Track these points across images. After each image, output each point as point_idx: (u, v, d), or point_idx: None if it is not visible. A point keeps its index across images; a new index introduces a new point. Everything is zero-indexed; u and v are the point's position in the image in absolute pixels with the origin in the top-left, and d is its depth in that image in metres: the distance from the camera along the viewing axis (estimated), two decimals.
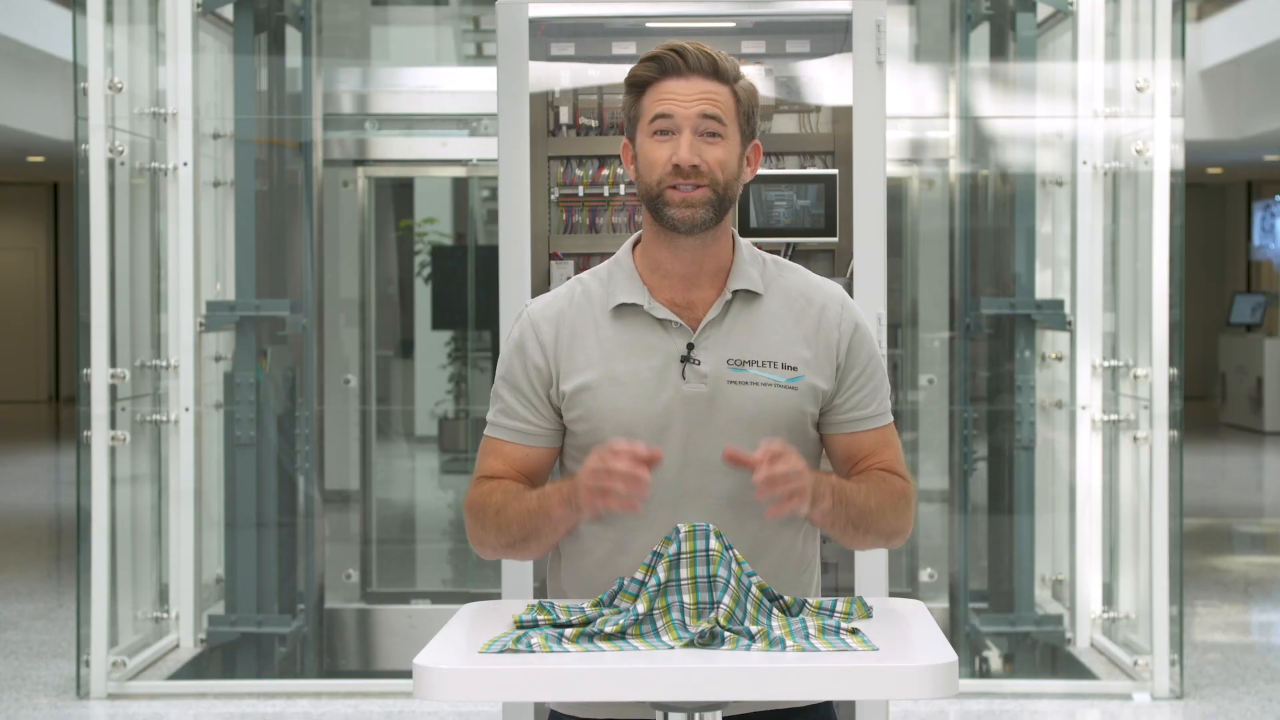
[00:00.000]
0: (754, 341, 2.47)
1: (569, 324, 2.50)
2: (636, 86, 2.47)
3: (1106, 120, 5.89)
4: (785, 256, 3.44)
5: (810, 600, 2.36)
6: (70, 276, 17.97)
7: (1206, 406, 16.94)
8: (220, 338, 6.06)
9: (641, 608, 2.22)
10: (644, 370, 2.46)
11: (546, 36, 3.61)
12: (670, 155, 2.42)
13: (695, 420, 2.45)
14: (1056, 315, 5.94)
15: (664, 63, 2.44)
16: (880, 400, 2.53)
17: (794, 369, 2.47)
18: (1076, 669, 5.81)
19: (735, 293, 2.49)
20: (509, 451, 2.52)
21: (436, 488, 8.15)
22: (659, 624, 2.22)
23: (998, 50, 6.03)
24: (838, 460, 2.55)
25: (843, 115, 3.58)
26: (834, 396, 2.50)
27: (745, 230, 3.48)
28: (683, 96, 2.42)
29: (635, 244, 2.55)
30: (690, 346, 2.46)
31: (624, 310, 2.49)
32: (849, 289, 3.50)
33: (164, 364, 5.84)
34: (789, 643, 2.15)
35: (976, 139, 6.10)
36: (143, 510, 5.92)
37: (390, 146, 7.00)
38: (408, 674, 5.34)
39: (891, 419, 2.55)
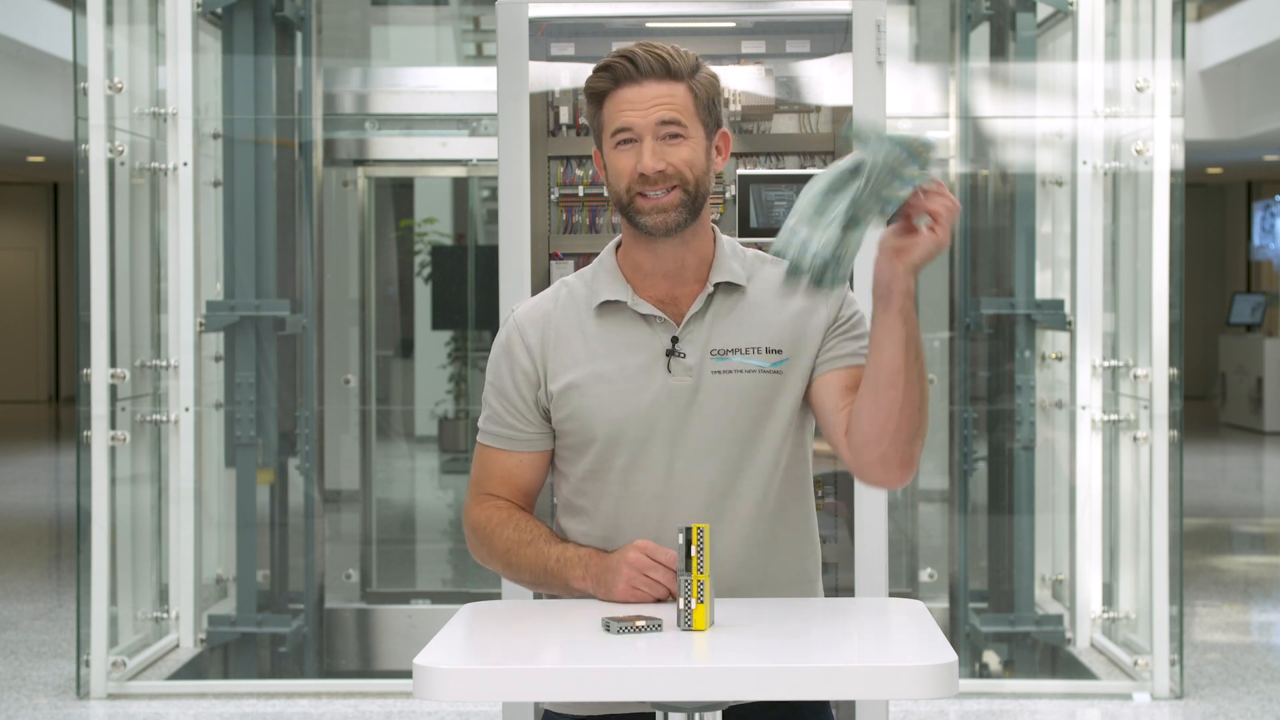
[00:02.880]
0: (737, 330, 2.48)
1: (554, 325, 2.52)
2: (594, 97, 2.48)
3: (1106, 120, 5.89)
4: None
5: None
6: (70, 276, 17.98)
7: (1206, 406, 16.93)
8: (220, 337, 6.06)
9: None
10: (630, 366, 2.47)
11: (546, 36, 3.61)
12: (635, 164, 2.43)
13: (682, 413, 2.46)
14: (1056, 315, 5.93)
15: (616, 71, 2.44)
16: (866, 343, 2.47)
17: (778, 352, 2.47)
18: (1076, 669, 5.81)
19: (717, 286, 2.50)
20: (502, 461, 2.54)
21: (436, 488, 8.15)
22: None
23: (998, 50, 6.03)
24: (831, 399, 2.47)
25: (843, 115, 3.58)
26: (824, 349, 2.48)
27: (745, 230, 3.48)
28: (639, 104, 2.42)
29: (618, 245, 2.56)
30: (675, 340, 2.47)
31: (608, 308, 2.50)
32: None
33: (164, 364, 5.84)
34: None
35: (976, 139, 6.10)
36: (143, 510, 5.92)
37: (390, 146, 7.00)
38: (408, 674, 5.35)
39: None
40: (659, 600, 2.38)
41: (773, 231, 3.52)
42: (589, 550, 2.45)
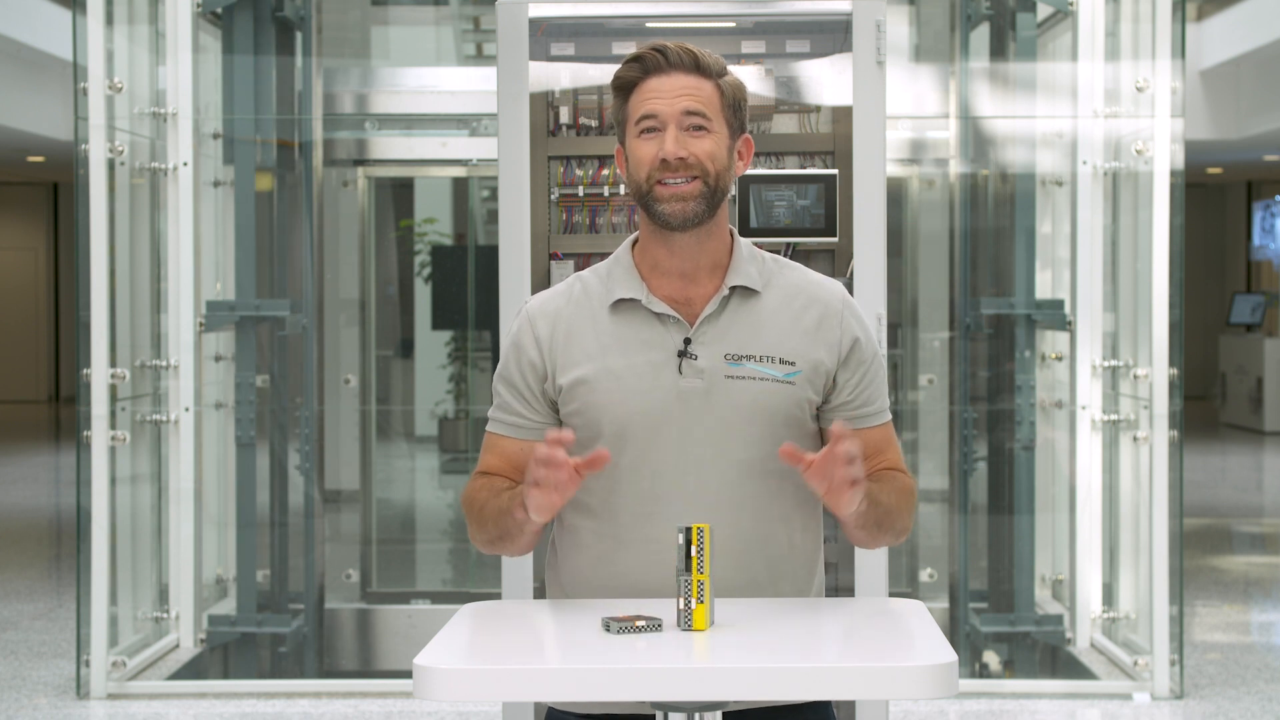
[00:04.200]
0: (752, 336, 2.48)
1: (566, 320, 2.52)
2: (622, 89, 2.49)
3: (1106, 120, 5.89)
4: (785, 256, 3.44)
5: None
6: (70, 276, 17.97)
7: (1206, 406, 16.93)
8: (220, 337, 6.06)
9: None
10: (641, 365, 2.47)
11: (546, 36, 3.61)
12: (657, 151, 2.44)
13: (692, 415, 2.46)
14: (1056, 315, 5.93)
15: (646, 62, 2.46)
16: (882, 397, 2.56)
17: (792, 364, 2.48)
18: (1076, 669, 5.81)
19: (733, 289, 2.50)
20: (506, 446, 2.55)
21: (436, 488, 8.15)
22: None
23: (998, 50, 6.03)
24: None
25: (843, 115, 3.58)
26: (836, 393, 2.51)
27: (745, 230, 3.48)
28: (666, 93, 2.44)
29: (635, 242, 2.56)
30: (687, 341, 2.47)
31: (622, 305, 2.50)
32: (849, 289, 3.50)
33: (164, 364, 5.84)
34: None
35: (976, 139, 6.10)
36: (143, 510, 5.92)
37: (390, 146, 7.00)
38: (408, 674, 5.35)
39: (890, 416, 2.57)
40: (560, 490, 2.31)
41: (773, 231, 3.52)
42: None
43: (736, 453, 2.46)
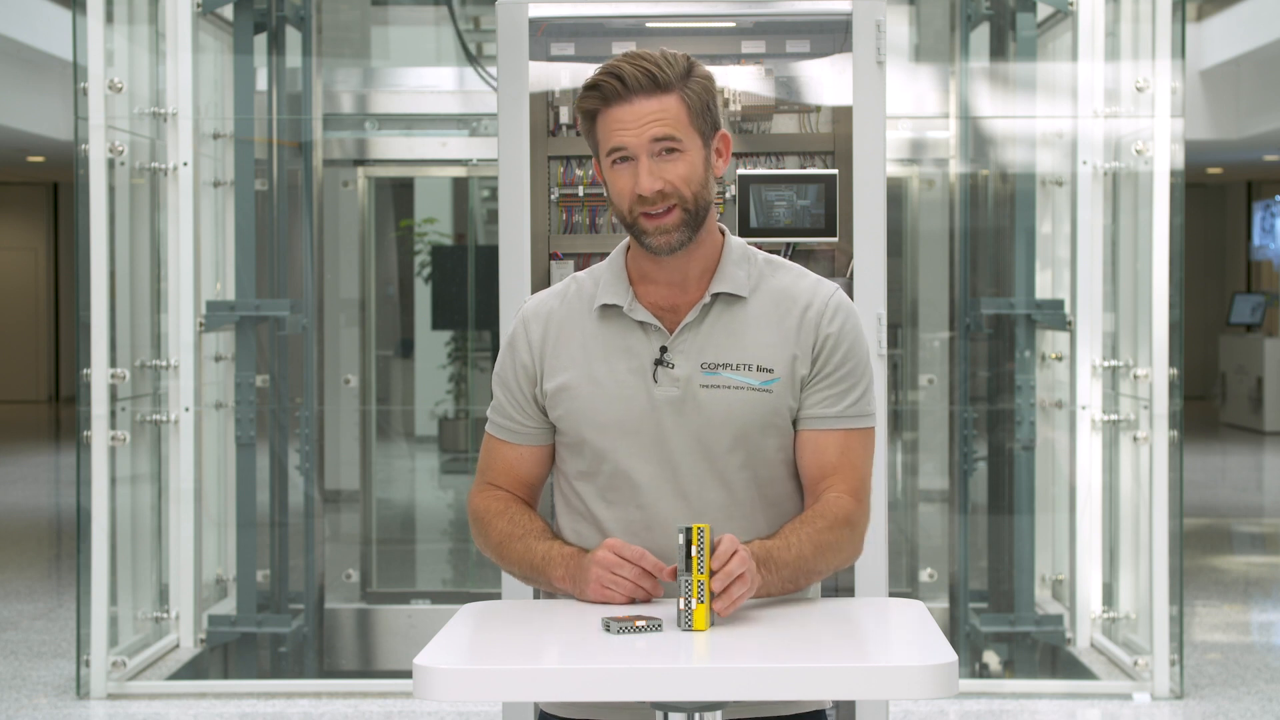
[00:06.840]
0: (731, 344, 2.46)
1: (557, 323, 2.52)
2: (587, 115, 2.44)
3: (1106, 120, 5.89)
4: (785, 256, 3.44)
5: None
6: (70, 276, 17.97)
7: (1206, 406, 16.93)
8: (220, 337, 6.06)
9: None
10: (621, 372, 2.47)
11: (546, 36, 3.61)
12: (633, 185, 2.40)
13: (668, 424, 2.45)
14: (1056, 315, 5.93)
15: (604, 90, 2.39)
16: (851, 402, 2.47)
17: (770, 371, 2.44)
18: (1076, 669, 5.81)
19: (715, 296, 2.48)
20: (506, 452, 2.56)
21: (436, 488, 8.15)
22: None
23: (998, 50, 6.03)
24: (802, 460, 2.49)
25: (843, 115, 3.58)
26: (808, 394, 2.48)
27: (745, 230, 3.48)
28: (630, 124, 2.38)
29: (628, 246, 2.55)
30: (664, 350, 2.46)
31: (608, 311, 2.50)
32: (849, 289, 3.50)
33: (164, 364, 5.84)
34: None
35: (976, 139, 6.09)
36: (143, 510, 5.92)
37: (390, 146, 7.00)
38: (408, 674, 5.35)
39: (870, 424, 2.49)
40: (633, 600, 2.37)
41: (773, 231, 3.52)
42: (573, 550, 2.45)
43: (713, 462, 2.45)
